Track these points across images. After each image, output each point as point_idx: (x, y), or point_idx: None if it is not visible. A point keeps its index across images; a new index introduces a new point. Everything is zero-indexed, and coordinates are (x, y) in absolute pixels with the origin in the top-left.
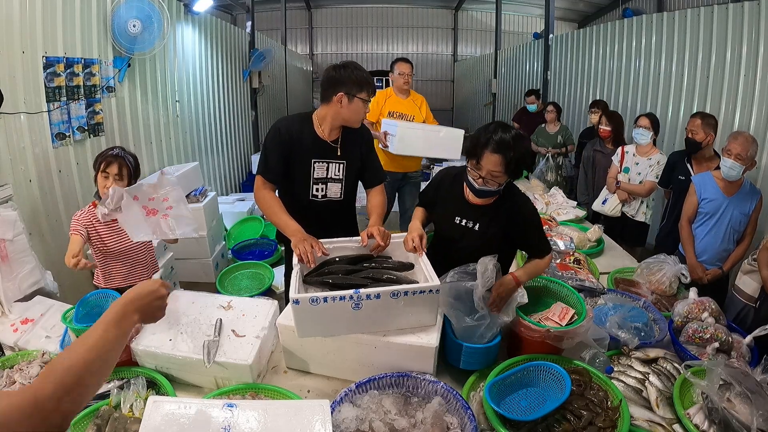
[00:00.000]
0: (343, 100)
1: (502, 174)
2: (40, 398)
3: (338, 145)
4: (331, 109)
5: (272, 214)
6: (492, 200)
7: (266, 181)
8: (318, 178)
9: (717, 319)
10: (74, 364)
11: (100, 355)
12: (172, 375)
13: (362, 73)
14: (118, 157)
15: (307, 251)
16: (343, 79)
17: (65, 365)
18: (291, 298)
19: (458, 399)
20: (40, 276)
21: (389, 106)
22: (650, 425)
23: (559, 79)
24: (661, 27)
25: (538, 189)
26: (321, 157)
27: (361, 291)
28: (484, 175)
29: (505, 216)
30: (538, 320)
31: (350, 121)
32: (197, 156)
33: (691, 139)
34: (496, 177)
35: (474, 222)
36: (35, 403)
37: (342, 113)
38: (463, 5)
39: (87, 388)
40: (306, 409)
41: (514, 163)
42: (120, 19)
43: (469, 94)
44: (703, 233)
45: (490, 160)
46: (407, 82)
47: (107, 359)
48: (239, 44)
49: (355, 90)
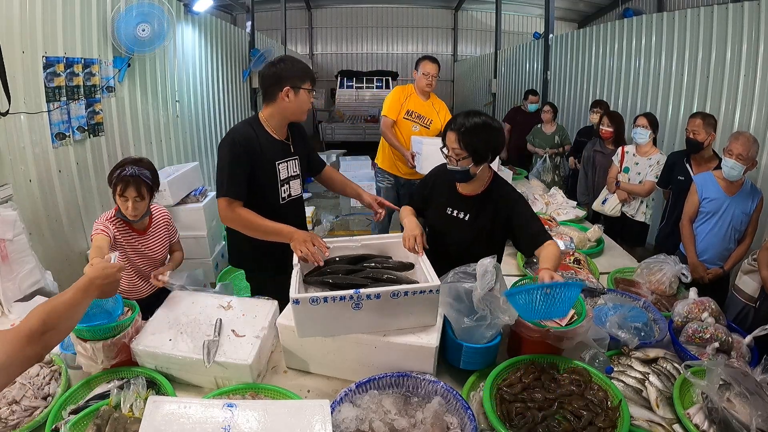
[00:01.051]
0: (290, 95)
1: (462, 151)
2: (32, 330)
3: (290, 143)
4: (278, 106)
5: (256, 228)
6: (481, 190)
7: (232, 200)
8: (283, 179)
9: (717, 319)
10: (54, 309)
11: (68, 309)
12: (172, 375)
13: (301, 64)
14: (134, 177)
15: (311, 251)
16: (286, 73)
17: (47, 309)
18: (291, 297)
19: (458, 399)
20: (40, 276)
21: (408, 104)
22: (650, 425)
23: (558, 79)
24: (661, 27)
25: (538, 189)
26: (282, 158)
27: (361, 291)
28: (449, 154)
29: (494, 207)
30: (537, 320)
31: (298, 114)
32: (197, 156)
33: (693, 139)
34: (458, 155)
35: (465, 213)
36: (29, 334)
37: (290, 107)
38: (463, 5)
39: (60, 331)
40: (306, 409)
41: (469, 140)
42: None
43: (469, 94)
44: (705, 232)
45: (450, 138)
46: (431, 84)
47: (72, 316)
48: (239, 44)
49: (299, 82)
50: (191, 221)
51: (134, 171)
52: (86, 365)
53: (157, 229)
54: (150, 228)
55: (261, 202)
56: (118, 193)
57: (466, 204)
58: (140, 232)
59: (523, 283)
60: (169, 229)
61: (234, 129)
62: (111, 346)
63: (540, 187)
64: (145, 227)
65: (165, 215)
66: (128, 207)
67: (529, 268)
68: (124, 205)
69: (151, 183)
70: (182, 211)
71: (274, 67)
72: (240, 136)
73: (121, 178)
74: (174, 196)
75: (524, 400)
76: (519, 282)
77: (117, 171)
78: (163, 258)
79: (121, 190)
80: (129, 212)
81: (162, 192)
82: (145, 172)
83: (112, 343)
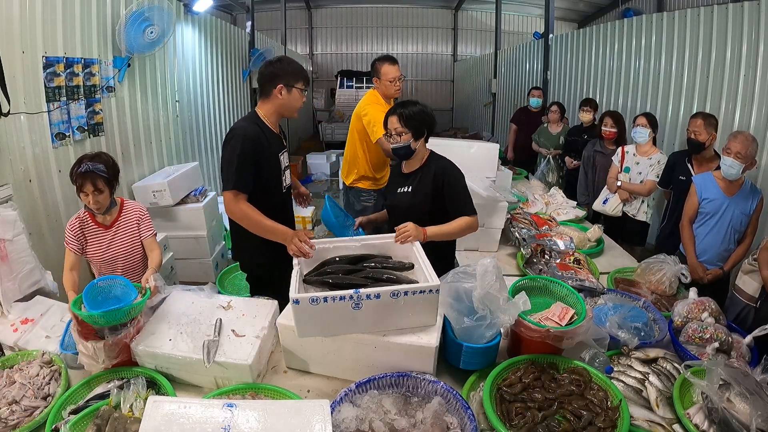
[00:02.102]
0: (282, 92)
1: (403, 127)
2: None
3: (282, 135)
4: (272, 102)
5: (256, 224)
6: (419, 165)
7: (239, 193)
8: (283, 168)
9: (717, 319)
10: None
11: None
12: (172, 375)
13: (296, 64)
14: (89, 173)
15: (300, 247)
16: (280, 72)
17: None
18: (291, 297)
19: (458, 399)
20: (40, 276)
21: None
22: (650, 425)
23: (559, 79)
24: (661, 27)
25: (538, 189)
26: (279, 150)
27: (361, 291)
28: (392, 134)
29: (432, 177)
30: (538, 320)
31: (289, 109)
32: (197, 156)
33: (695, 140)
34: (399, 132)
35: (408, 186)
36: None
37: (283, 104)
38: (463, 5)
39: None
40: (306, 409)
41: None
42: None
43: (469, 94)
44: (704, 233)
45: (392, 120)
46: (399, 89)
47: None
48: (239, 44)
49: (292, 81)
50: (191, 221)
51: (88, 167)
52: (88, 364)
53: (126, 223)
54: (117, 222)
55: (268, 192)
56: (78, 188)
57: (407, 179)
58: (105, 227)
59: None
60: (141, 225)
61: (240, 126)
62: (113, 346)
63: (540, 187)
64: (111, 222)
65: (138, 210)
66: (89, 201)
67: (529, 268)
68: (86, 200)
69: (107, 176)
70: (182, 211)
71: (271, 65)
72: (250, 131)
73: (78, 174)
74: (174, 196)
75: (524, 400)
76: (519, 282)
77: (74, 168)
78: (139, 256)
79: (79, 186)
80: (92, 206)
81: (162, 192)
82: (99, 167)
83: (114, 342)
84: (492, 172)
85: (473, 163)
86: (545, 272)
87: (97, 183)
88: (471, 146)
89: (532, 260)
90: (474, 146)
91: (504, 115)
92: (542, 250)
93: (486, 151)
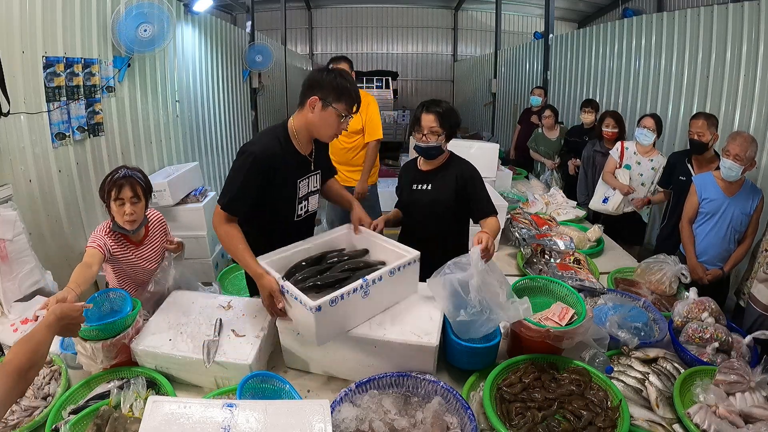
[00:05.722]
0: (316, 106)
1: (439, 127)
2: (21, 368)
3: (312, 158)
4: (303, 116)
5: (234, 251)
6: (439, 164)
7: (229, 215)
8: (302, 195)
9: (717, 319)
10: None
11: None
12: (172, 375)
13: (347, 83)
14: (128, 178)
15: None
16: (322, 82)
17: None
18: (311, 307)
19: (458, 399)
20: (40, 276)
21: None
22: (650, 425)
23: (559, 79)
24: (661, 27)
25: (538, 189)
26: (303, 175)
27: (368, 278)
28: (425, 133)
29: (453, 178)
30: (538, 320)
31: (320, 131)
32: (197, 156)
33: (698, 140)
34: (434, 131)
35: (426, 184)
36: (19, 371)
37: (313, 121)
38: (463, 5)
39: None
40: (306, 409)
41: (446, 118)
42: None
43: (469, 94)
44: (704, 233)
45: (428, 119)
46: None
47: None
48: (239, 44)
49: (332, 98)
50: (191, 221)
51: (127, 172)
52: (86, 365)
53: (153, 238)
54: (147, 238)
55: (274, 218)
56: (113, 198)
57: (426, 177)
58: (137, 244)
59: (523, 284)
60: (166, 235)
61: (260, 140)
62: (111, 347)
63: (540, 187)
64: (141, 238)
65: (161, 219)
66: (125, 211)
67: (529, 268)
68: (120, 210)
69: (144, 185)
70: (182, 211)
71: (318, 72)
72: (260, 150)
73: (115, 181)
74: (174, 196)
75: (524, 400)
76: (519, 282)
77: (109, 177)
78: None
79: (116, 194)
80: (126, 217)
81: (162, 192)
82: (137, 173)
83: (111, 343)
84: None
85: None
86: (545, 272)
87: (136, 189)
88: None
89: (532, 260)
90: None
91: (504, 114)
92: (542, 250)
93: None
